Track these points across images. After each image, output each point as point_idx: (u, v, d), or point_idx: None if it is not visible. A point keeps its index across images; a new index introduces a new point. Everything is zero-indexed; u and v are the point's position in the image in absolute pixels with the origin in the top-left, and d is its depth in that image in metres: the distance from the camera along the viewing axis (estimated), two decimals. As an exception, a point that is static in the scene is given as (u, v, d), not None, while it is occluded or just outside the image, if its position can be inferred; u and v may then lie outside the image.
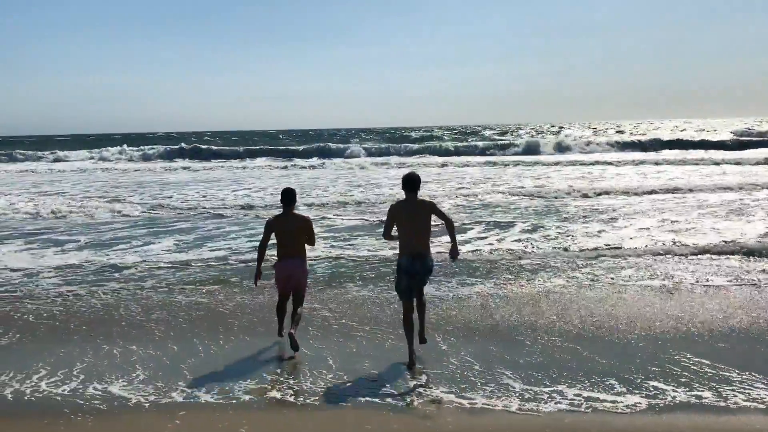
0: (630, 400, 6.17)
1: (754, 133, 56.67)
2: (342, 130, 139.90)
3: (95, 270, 12.17)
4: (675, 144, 48.66)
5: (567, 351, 7.59)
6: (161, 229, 16.89)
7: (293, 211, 7.70)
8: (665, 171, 30.73)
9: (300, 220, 7.65)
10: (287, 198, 7.64)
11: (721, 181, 24.55)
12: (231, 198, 23.57)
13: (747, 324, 8.48)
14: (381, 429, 5.74)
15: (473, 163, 38.07)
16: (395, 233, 7.11)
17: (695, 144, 48.44)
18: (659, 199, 20.51)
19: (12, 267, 12.42)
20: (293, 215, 7.66)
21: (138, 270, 12.09)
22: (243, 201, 22.31)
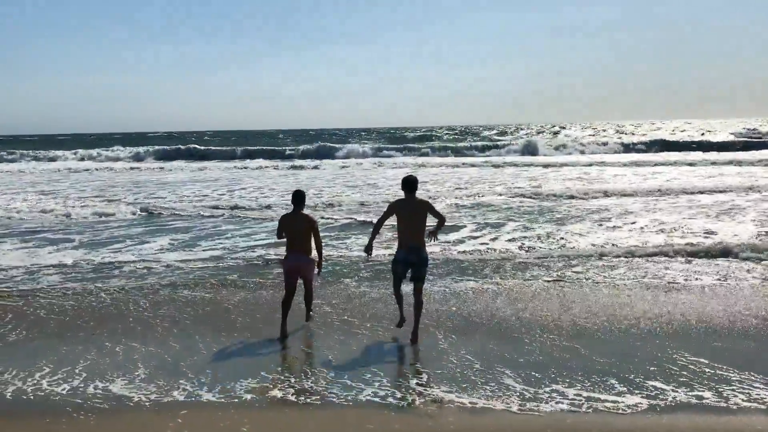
0: (631, 400, 6.13)
1: (754, 135, 56.78)
2: (342, 129, 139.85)
3: (93, 269, 12.11)
4: (674, 145, 48.69)
5: (565, 350, 7.56)
6: (156, 228, 16.84)
7: (302, 212, 8.21)
8: (663, 172, 30.44)
9: (307, 220, 8.16)
10: (297, 199, 8.19)
11: (720, 183, 24.24)
12: (226, 198, 23.43)
13: (741, 322, 8.46)
14: (382, 428, 5.69)
15: (471, 164, 38.02)
16: (391, 229, 7.77)
17: (695, 145, 48.50)
18: (655, 200, 20.45)
19: (13, 265, 12.41)
20: (302, 215, 8.17)
21: (135, 269, 12.05)
22: (240, 201, 22.17)
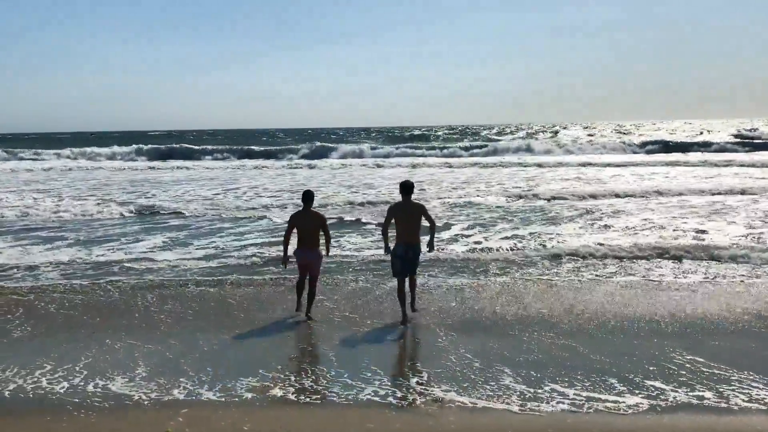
0: (631, 400, 6.08)
1: (753, 135, 56.87)
2: (342, 129, 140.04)
3: (89, 267, 12.11)
4: (674, 146, 48.73)
5: (564, 348, 7.53)
6: (151, 227, 16.85)
7: (311, 209, 8.77)
8: (660, 173, 30.25)
9: (316, 218, 8.75)
10: (306, 198, 8.83)
11: (718, 184, 23.98)
12: (221, 197, 23.35)
13: (736, 321, 8.48)
14: (383, 428, 5.64)
15: (468, 164, 37.99)
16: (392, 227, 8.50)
17: (694, 146, 48.59)
18: (649, 200, 20.45)
19: (11, 264, 12.43)
20: (311, 213, 8.75)
21: (133, 267, 12.06)
22: (236, 200, 22.16)
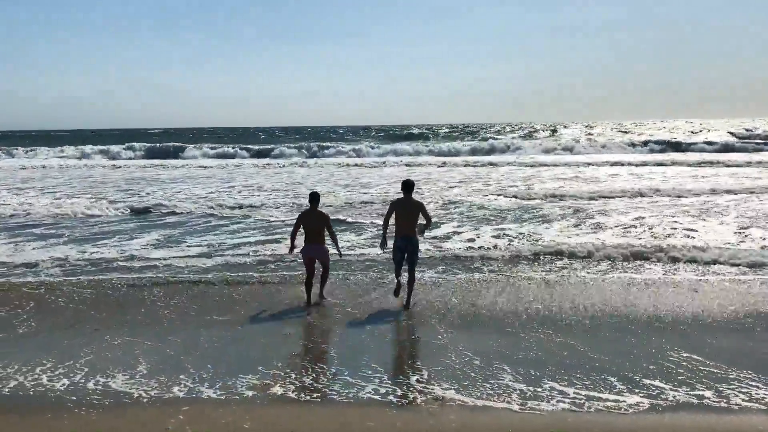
0: (632, 399, 6.04)
1: (753, 135, 56.90)
2: (341, 127, 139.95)
3: (86, 264, 12.10)
4: (673, 145, 48.68)
5: (562, 346, 7.51)
6: (147, 224, 16.84)
7: (317, 209, 9.48)
8: (658, 171, 30.15)
9: (321, 217, 9.45)
10: (312, 198, 9.56)
11: (717, 184, 23.91)
12: (216, 195, 23.28)
13: (731, 319, 8.49)
14: (384, 426, 5.60)
15: (466, 163, 37.89)
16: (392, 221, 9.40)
17: (694, 145, 48.56)
18: (647, 200, 20.45)
19: (10, 261, 12.43)
20: (317, 213, 9.46)
21: (130, 265, 12.06)
22: (230, 198, 22.05)
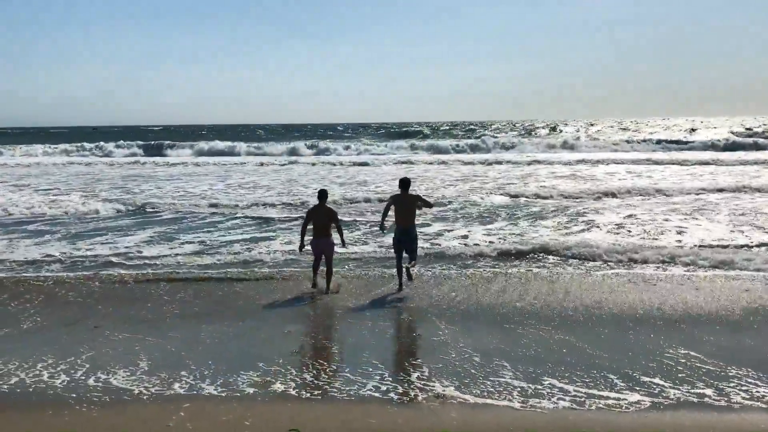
0: (632, 397, 6.01)
1: (751, 134, 56.97)
2: (340, 125, 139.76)
3: (84, 262, 12.13)
4: (673, 145, 48.67)
5: (562, 343, 7.51)
6: (143, 221, 16.89)
7: (325, 205, 10.06)
8: (657, 170, 30.04)
9: (328, 212, 10.03)
10: (321, 195, 10.22)
11: (713, 182, 23.90)
12: (210, 193, 23.16)
13: (727, 316, 8.51)
14: (385, 423, 5.56)
15: (464, 161, 37.75)
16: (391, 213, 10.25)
17: (691, 145, 48.57)
18: (641, 199, 20.42)
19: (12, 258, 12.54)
20: (324, 208, 10.04)
21: (128, 262, 12.11)
22: (226, 196, 21.95)
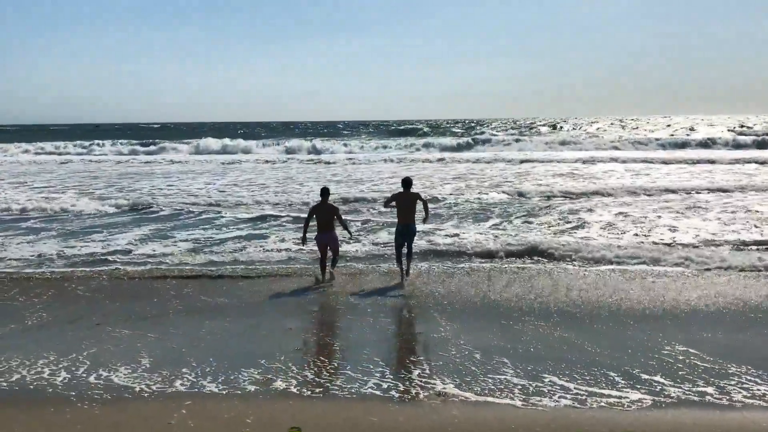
0: (634, 395, 5.98)
1: (750, 132, 56.93)
2: (340, 122, 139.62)
3: (83, 259, 12.13)
4: (672, 143, 48.69)
5: (561, 340, 7.52)
6: (140, 218, 16.90)
7: (327, 202, 10.63)
8: (654, 168, 29.88)
9: (331, 208, 10.65)
10: (323, 193, 10.75)
11: (713, 181, 23.77)
12: (210, 191, 22.98)
13: (723, 314, 8.53)
14: (387, 421, 5.53)
15: (462, 159, 37.53)
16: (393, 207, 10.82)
17: (692, 143, 48.61)
18: (639, 198, 20.44)
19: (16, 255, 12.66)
20: (327, 205, 10.63)
21: (128, 259, 12.14)
22: (222, 194, 21.87)
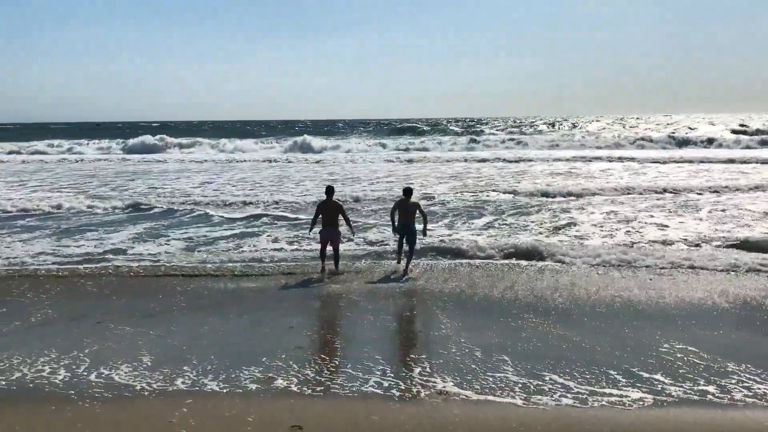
0: (635, 394, 5.96)
1: (750, 132, 56.87)
2: (340, 121, 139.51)
3: (82, 257, 12.17)
4: (671, 142, 48.56)
5: (561, 338, 7.52)
6: (138, 216, 16.96)
7: (332, 200, 11.12)
8: (653, 167, 29.84)
9: (335, 205, 11.18)
10: (328, 191, 11.26)
11: (709, 180, 23.74)
12: (209, 190, 23.03)
13: (721, 311, 8.56)
14: (388, 420, 5.51)
15: (461, 158, 37.48)
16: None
17: (692, 142, 48.58)
18: (637, 197, 20.46)
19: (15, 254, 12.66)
20: (332, 202, 11.14)
21: (128, 257, 12.16)
22: (221, 194, 21.86)
